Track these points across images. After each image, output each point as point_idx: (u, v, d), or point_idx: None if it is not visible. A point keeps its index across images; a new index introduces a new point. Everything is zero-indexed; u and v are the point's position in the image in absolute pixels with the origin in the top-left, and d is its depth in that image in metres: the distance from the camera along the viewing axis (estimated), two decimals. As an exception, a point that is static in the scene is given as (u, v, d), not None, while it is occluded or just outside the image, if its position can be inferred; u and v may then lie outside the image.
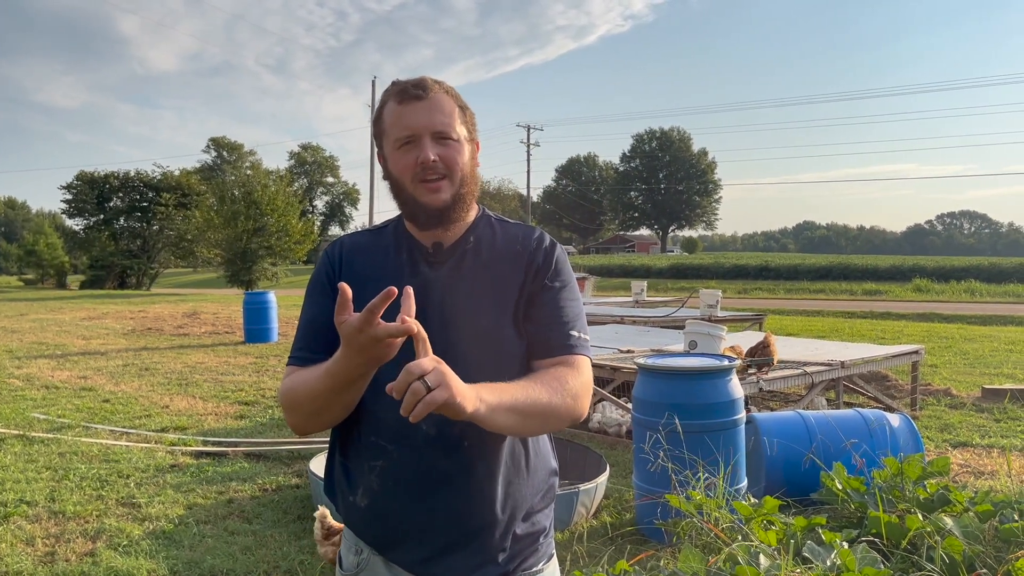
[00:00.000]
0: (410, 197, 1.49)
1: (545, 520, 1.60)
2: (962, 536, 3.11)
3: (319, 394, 1.35)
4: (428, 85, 1.49)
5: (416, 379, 1.13)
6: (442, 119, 1.47)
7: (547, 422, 1.41)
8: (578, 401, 1.44)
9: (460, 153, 1.49)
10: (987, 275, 32.57)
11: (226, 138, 77.74)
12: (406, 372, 1.13)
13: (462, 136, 1.50)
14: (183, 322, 17.19)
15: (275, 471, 5.49)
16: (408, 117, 1.46)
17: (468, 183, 1.51)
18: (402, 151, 1.47)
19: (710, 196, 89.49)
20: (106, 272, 40.96)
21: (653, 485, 4.08)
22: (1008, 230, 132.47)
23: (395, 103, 1.48)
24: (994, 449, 5.93)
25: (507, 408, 1.30)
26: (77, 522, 4.52)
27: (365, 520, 1.53)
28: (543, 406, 1.36)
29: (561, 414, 1.41)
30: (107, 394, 8.49)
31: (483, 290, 1.51)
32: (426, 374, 1.13)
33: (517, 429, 1.39)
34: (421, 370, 1.13)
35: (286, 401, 1.44)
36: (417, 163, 1.45)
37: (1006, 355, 11.24)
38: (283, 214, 30.97)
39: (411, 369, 1.13)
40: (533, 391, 1.36)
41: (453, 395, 1.15)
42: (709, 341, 5.99)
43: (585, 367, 1.49)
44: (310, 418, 1.43)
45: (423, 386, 1.13)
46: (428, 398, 1.13)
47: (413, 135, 1.46)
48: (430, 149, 1.45)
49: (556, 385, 1.40)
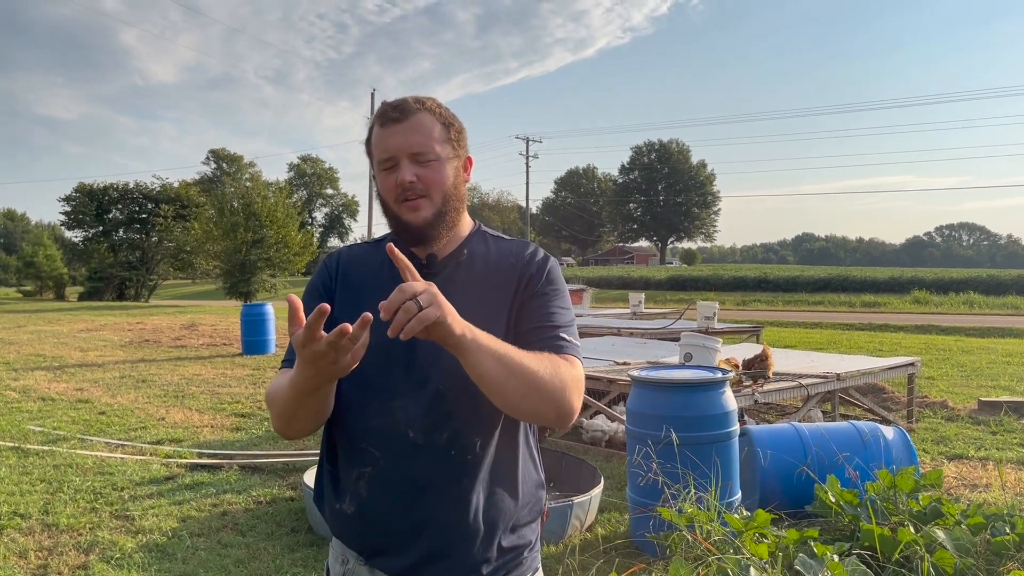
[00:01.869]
0: (394, 216, 1.53)
1: (531, 534, 1.60)
2: (954, 549, 3.11)
3: (287, 400, 1.39)
4: (407, 107, 1.51)
5: (408, 298, 1.17)
6: (419, 140, 1.49)
7: (530, 393, 1.36)
8: (567, 389, 1.40)
9: (440, 172, 1.51)
10: (985, 287, 32.59)
11: (226, 150, 78.11)
12: (399, 291, 1.18)
13: (443, 155, 1.52)
14: (181, 334, 17.18)
15: (270, 483, 5.48)
16: (388, 140, 1.50)
17: (451, 200, 1.53)
18: (385, 173, 1.51)
19: (709, 208, 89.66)
20: (104, 284, 41.00)
21: (647, 498, 4.08)
22: (1007, 242, 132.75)
23: (378, 126, 1.52)
24: (989, 462, 5.93)
25: (494, 353, 1.31)
26: (70, 535, 4.52)
27: (352, 527, 1.54)
28: (530, 371, 1.35)
29: (546, 392, 1.37)
30: (103, 406, 8.48)
31: (475, 303, 1.51)
32: (418, 294, 1.18)
33: (499, 383, 1.34)
34: (413, 291, 1.18)
35: (267, 403, 1.50)
36: (397, 184, 1.49)
37: (1003, 367, 11.24)
38: (282, 226, 31.01)
39: (404, 289, 1.18)
40: (525, 356, 1.36)
41: (444, 314, 1.21)
42: (704, 353, 5.99)
43: (576, 363, 1.48)
44: (285, 422, 1.45)
45: (415, 305, 1.17)
46: (421, 315, 1.18)
47: (392, 157, 1.50)
48: (407, 171, 1.48)
49: (547, 364, 1.39)
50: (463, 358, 1.30)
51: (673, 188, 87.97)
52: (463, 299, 1.52)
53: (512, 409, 1.41)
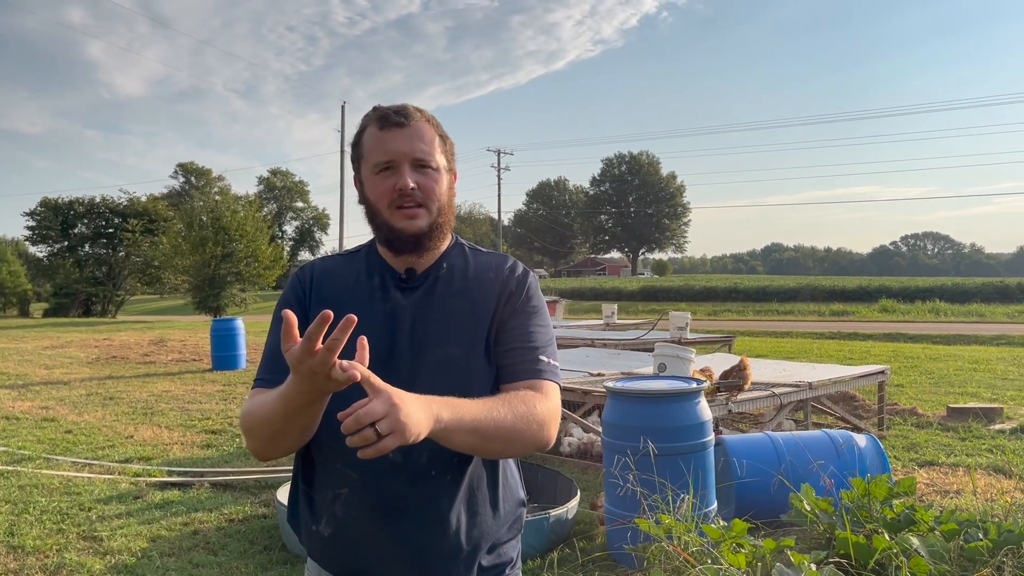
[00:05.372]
0: (385, 223, 1.48)
1: (512, 551, 1.59)
2: (928, 556, 3.13)
3: (274, 418, 1.32)
4: (410, 113, 1.49)
5: (367, 425, 1.09)
6: (423, 147, 1.47)
7: (510, 446, 1.38)
8: (544, 428, 1.41)
9: (438, 182, 1.49)
10: (951, 295, 33.12)
11: (194, 163, 76.98)
12: (356, 419, 1.09)
13: (441, 165, 1.50)
14: (149, 350, 16.92)
15: (242, 501, 5.40)
16: (389, 143, 1.46)
17: (445, 212, 1.51)
18: (380, 176, 1.47)
19: (679, 219, 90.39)
20: (70, 300, 40.36)
21: (623, 509, 4.07)
22: (970, 251, 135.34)
23: (376, 128, 1.48)
24: (959, 467, 6.00)
25: (467, 429, 1.28)
26: (37, 557, 4.40)
27: (328, 550, 1.51)
28: (506, 429, 1.33)
29: (525, 439, 1.38)
30: (69, 425, 8.31)
31: (454, 318, 1.50)
32: (377, 421, 1.10)
33: (477, 450, 1.37)
34: (372, 417, 1.09)
35: (245, 425, 1.41)
36: (395, 189, 1.45)
37: (970, 374, 11.42)
38: (252, 239, 30.75)
39: (360, 418, 1.09)
40: (497, 412, 1.33)
41: (406, 436, 1.12)
42: (678, 363, 6.01)
43: (553, 393, 1.47)
44: (268, 443, 1.39)
45: (374, 433, 1.09)
46: (379, 445, 1.09)
47: (392, 161, 1.46)
48: (408, 176, 1.45)
49: (523, 409, 1.37)
50: (437, 442, 1.26)
51: (644, 200, 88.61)
52: (442, 314, 1.50)
53: (494, 458, 1.50)
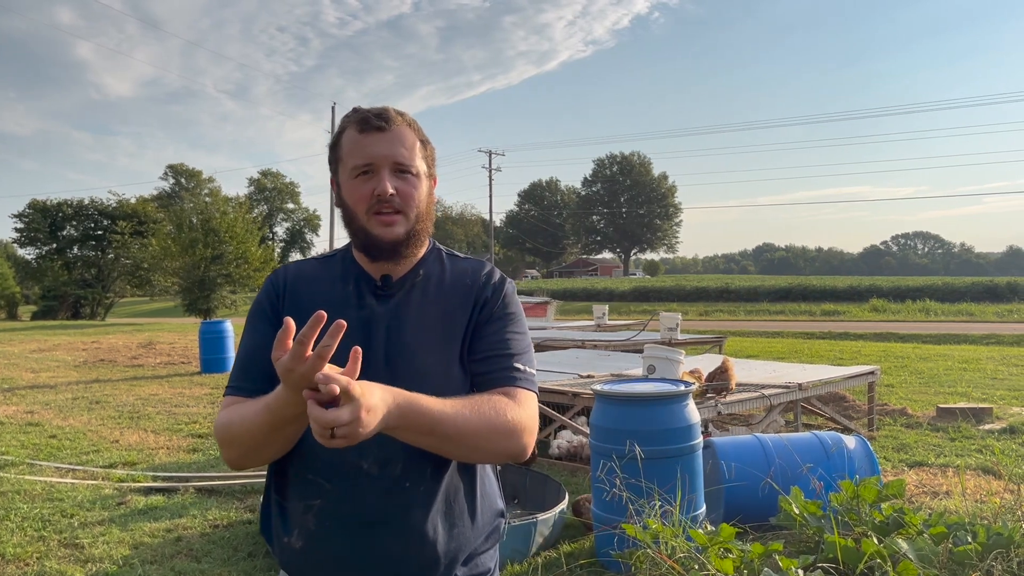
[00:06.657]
0: (361, 228, 1.45)
1: (489, 561, 1.55)
2: (917, 559, 3.10)
3: (258, 429, 1.29)
4: (391, 116, 1.45)
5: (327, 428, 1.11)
6: (403, 152, 1.44)
7: (473, 451, 1.35)
8: (514, 436, 1.37)
9: (417, 188, 1.46)
10: (941, 294, 33.24)
11: (184, 165, 76.77)
12: (321, 425, 1.11)
13: (421, 171, 1.47)
14: (138, 353, 16.81)
15: (226, 506, 5.34)
16: (369, 147, 1.42)
17: (423, 219, 1.48)
18: (358, 180, 1.43)
19: (671, 220, 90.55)
20: (59, 302, 40.06)
21: (611, 513, 4.03)
22: (960, 250, 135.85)
23: (355, 131, 1.44)
24: (949, 468, 5.99)
25: (424, 428, 1.27)
26: (17, 565, 4.34)
27: (300, 562, 1.47)
28: (469, 431, 1.30)
29: (492, 444, 1.34)
30: (54, 429, 8.23)
31: (430, 326, 1.47)
32: (339, 427, 1.11)
33: (437, 449, 1.34)
34: (337, 422, 1.11)
35: (222, 436, 1.38)
36: (373, 194, 1.42)
37: (960, 374, 11.43)
38: (242, 241, 30.56)
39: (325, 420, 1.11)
40: (460, 413, 1.30)
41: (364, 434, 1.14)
42: (667, 365, 5.98)
43: (528, 401, 1.43)
44: (249, 453, 1.36)
45: (329, 434, 1.12)
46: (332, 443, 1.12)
47: (371, 165, 1.42)
48: (388, 181, 1.42)
49: (490, 414, 1.34)
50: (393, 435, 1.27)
51: (635, 200, 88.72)
52: (418, 323, 1.47)
53: (462, 460, 1.44)
